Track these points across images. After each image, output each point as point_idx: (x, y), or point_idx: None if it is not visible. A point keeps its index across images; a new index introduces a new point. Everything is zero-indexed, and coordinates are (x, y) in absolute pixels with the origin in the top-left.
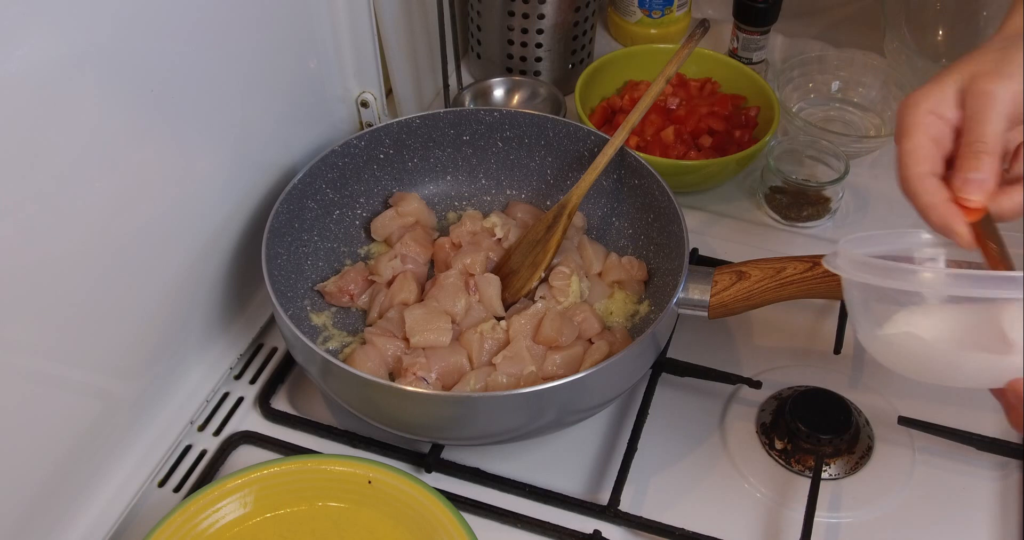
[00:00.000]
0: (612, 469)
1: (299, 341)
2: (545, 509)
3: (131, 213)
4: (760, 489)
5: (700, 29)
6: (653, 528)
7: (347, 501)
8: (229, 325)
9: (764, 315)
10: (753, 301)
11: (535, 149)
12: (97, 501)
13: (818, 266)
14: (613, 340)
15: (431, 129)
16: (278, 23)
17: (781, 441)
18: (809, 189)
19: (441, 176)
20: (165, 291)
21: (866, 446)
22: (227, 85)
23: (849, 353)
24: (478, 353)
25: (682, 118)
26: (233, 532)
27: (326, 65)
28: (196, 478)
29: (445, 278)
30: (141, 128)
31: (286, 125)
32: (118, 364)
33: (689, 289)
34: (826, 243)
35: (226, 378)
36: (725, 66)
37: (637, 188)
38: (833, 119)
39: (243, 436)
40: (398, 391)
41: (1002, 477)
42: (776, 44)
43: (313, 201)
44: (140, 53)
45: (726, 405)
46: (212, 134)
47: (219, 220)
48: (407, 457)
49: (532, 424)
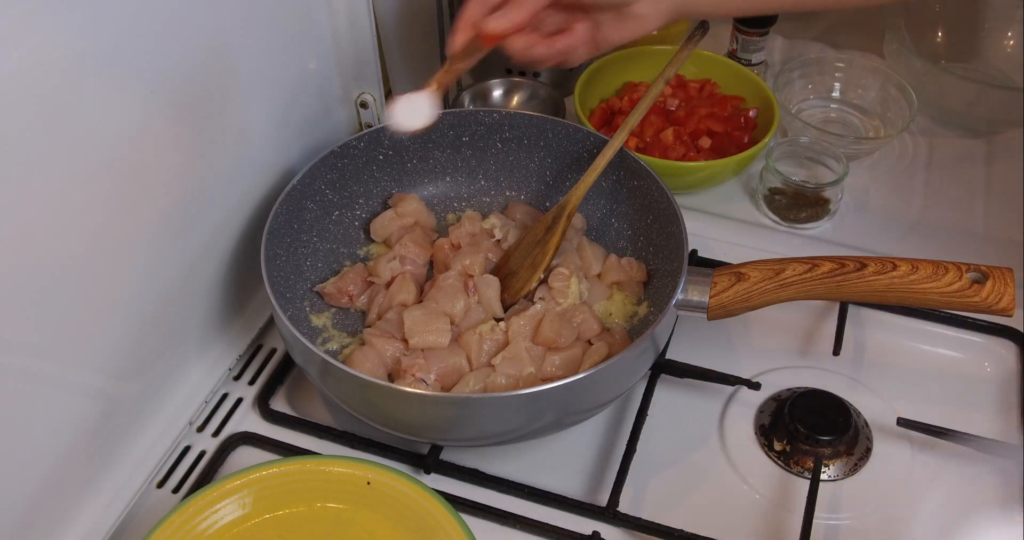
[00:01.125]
0: (611, 470)
1: (298, 342)
2: (544, 510)
3: (130, 214)
4: (759, 490)
5: (699, 31)
6: (652, 529)
7: (346, 502)
8: (228, 326)
9: (763, 316)
10: (752, 302)
11: (534, 150)
12: (96, 502)
13: (817, 267)
14: (612, 341)
15: (430, 130)
16: (278, 24)
17: (780, 442)
18: (808, 190)
19: (440, 177)
20: (164, 292)
21: (865, 447)
22: (226, 86)
23: (848, 355)
24: (477, 354)
25: (681, 119)
26: (232, 533)
27: (325, 66)
28: (195, 479)
29: (444, 279)
30: (140, 129)
31: (285, 126)
32: (117, 365)
33: (688, 290)
34: (826, 244)
35: (225, 379)
36: (724, 67)
37: (636, 189)
38: (832, 120)
39: (242, 437)
40: (397, 392)
41: (1002, 479)
42: (775, 46)
43: (312, 202)
44: (139, 54)
45: (725, 406)
46: (211, 135)
47: (218, 221)
48: (406, 458)
49: (531, 425)
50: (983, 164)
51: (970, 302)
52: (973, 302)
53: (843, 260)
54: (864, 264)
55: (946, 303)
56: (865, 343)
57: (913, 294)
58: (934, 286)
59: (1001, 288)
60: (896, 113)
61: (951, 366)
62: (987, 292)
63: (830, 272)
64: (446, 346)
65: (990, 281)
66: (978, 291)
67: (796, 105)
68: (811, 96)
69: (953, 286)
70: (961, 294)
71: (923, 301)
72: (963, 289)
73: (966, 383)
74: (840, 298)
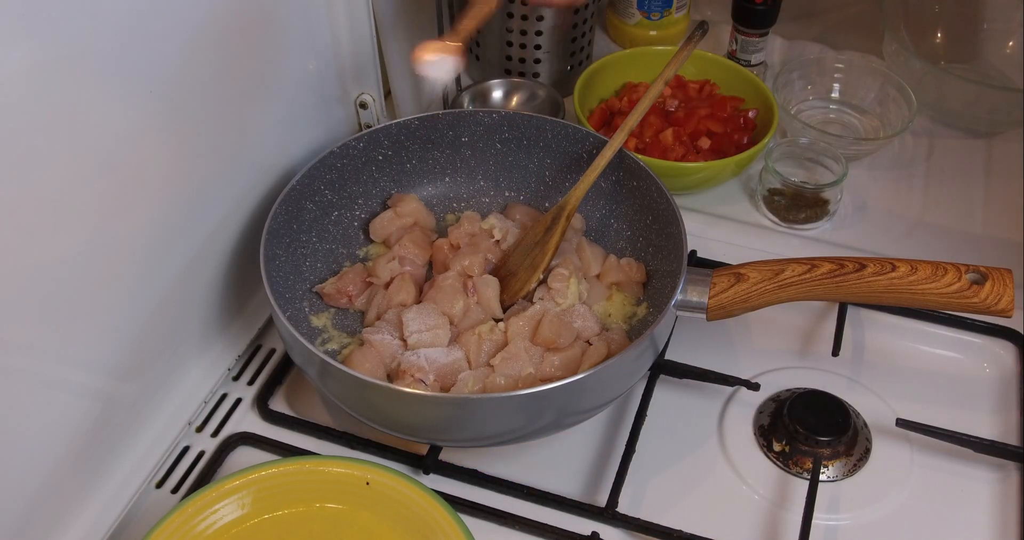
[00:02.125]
0: (610, 471)
1: (297, 342)
2: (543, 511)
3: (129, 214)
4: (758, 491)
5: (698, 32)
6: (651, 530)
7: (345, 502)
8: (227, 326)
9: (762, 317)
10: (751, 303)
11: (534, 151)
12: (95, 502)
13: (817, 268)
14: (611, 341)
15: (430, 130)
16: (277, 24)
17: (779, 443)
18: (807, 191)
19: (440, 177)
20: (163, 292)
21: (864, 448)
22: (225, 86)
23: (847, 355)
24: (476, 354)
25: (681, 120)
26: (231, 533)
27: (325, 66)
28: (194, 479)
29: (443, 280)
30: (140, 129)
31: (284, 126)
32: (116, 365)
33: (687, 291)
34: (825, 245)
35: (224, 379)
36: (724, 68)
37: (636, 190)
38: (832, 121)
39: (241, 437)
40: (396, 393)
41: (1000, 480)
42: (775, 46)
43: (312, 202)
44: (139, 55)
45: (724, 407)
46: (210, 135)
47: (217, 221)
48: (405, 459)
49: (530, 426)
50: (983, 165)
51: (969, 303)
52: (972, 303)
53: (842, 261)
54: (863, 265)
55: (945, 304)
56: (864, 344)
57: (912, 295)
58: (933, 287)
59: (1000, 289)
60: (895, 114)
61: (950, 367)
62: (986, 293)
63: (829, 273)
64: (445, 346)
65: (989, 282)
66: (977, 292)
67: (795, 106)
68: (810, 97)
69: (952, 287)
70: (960, 295)
71: (922, 302)
72: (962, 290)
73: (965, 384)
74: (839, 299)
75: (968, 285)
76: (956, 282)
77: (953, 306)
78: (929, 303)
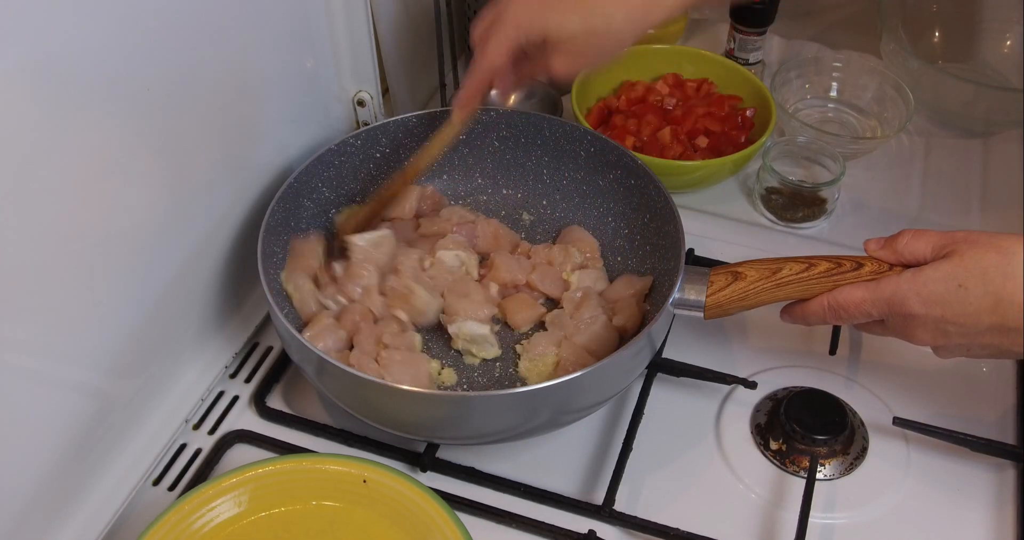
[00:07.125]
0: (607, 469)
1: (294, 340)
2: (540, 509)
3: (125, 211)
4: (755, 490)
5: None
6: (648, 528)
7: (342, 500)
8: (225, 323)
9: (760, 316)
10: (749, 302)
11: (531, 149)
12: (92, 499)
13: (814, 267)
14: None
15: (427, 128)
16: (275, 22)
17: (776, 442)
18: (805, 190)
19: (437, 175)
20: (160, 290)
21: (861, 447)
22: (223, 84)
23: (844, 354)
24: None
25: (679, 119)
26: (228, 531)
27: (323, 64)
28: (191, 477)
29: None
30: (137, 127)
31: (282, 124)
32: (113, 362)
33: (685, 289)
34: (822, 244)
35: (221, 377)
36: (722, 67)
37: (633, 188)
38: (829, 120)
39: (238, 435)
40: (393, 390)
41: (997, 478)
42: (773, 45)
43: (309, 200)
44: (136, 52)
45: (721, 406)
46: (208, 132)
47: (215, 218)
48: (402, 456)
49: (527, 424)
50: (980, 164)
51: None
52: None
53: (840, 259)
54: (860, 264)
55: None
56: (861, 342)
57: None
58: None
59: None
60: (893, 113)
61: (947, 365)
62: None
63: (827, 271)
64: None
65: None
66: None
67: (793, 105)
68: (808, 96)
69: None
70: None
71: None
72: None
73: (962, 382)
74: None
75: None
76: None
77: None
78: None
